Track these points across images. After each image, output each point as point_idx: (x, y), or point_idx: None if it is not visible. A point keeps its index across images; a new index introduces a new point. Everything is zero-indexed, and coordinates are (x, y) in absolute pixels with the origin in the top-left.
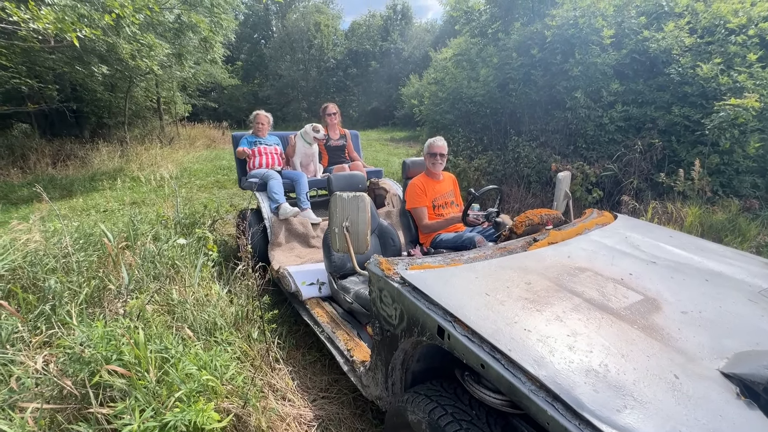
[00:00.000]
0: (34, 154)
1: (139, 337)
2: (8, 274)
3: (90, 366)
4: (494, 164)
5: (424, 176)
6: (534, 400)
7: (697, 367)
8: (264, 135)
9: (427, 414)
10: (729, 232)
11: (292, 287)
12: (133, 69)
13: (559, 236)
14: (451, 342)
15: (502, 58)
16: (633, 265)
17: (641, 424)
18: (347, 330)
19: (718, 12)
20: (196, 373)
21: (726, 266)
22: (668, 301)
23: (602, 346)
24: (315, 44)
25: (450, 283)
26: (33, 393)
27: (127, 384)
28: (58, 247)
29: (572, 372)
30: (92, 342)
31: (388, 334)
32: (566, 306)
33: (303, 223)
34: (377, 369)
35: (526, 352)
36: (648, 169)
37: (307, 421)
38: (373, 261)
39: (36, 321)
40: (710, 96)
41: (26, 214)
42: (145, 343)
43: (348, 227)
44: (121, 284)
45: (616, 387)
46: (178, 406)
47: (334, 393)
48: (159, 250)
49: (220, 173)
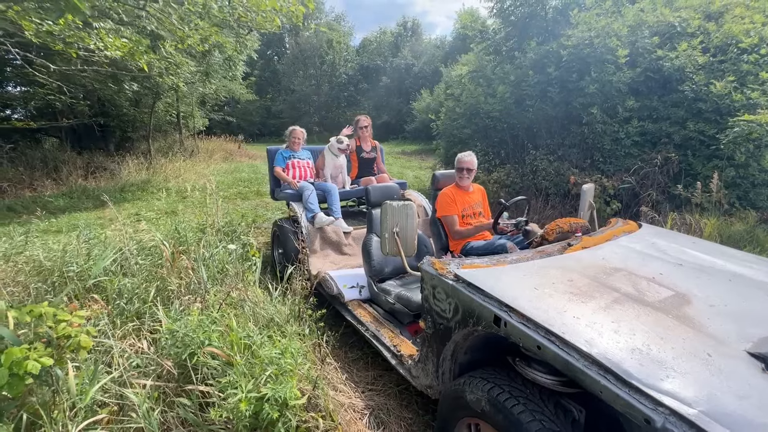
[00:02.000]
0: (65, 166)
1: (233, 323)
2: (74, 276)
3: (189, 348)
4: (512, 177)
5: (455, 187)
6: (588, 373)
7: (727, 348)
8: (298, 149)
9: (486, 392)
10: (747, 242)
11: (334, 290)
12: (160, 85)
13: (591, 241)
14: (507, 329)
15: (519, 75)
16: (662, 267)
17: (682, 389)
18: (390, 329)
19: (729, 32)
20: (278, 357)
21: (747, 269)
22: (697, 296)
23: (643, 330)
24: (327, 60)
25: (501, 280)
26: (140, 371)
27: (222, 364)
28: (117, 251)
29: (619, 350)
30: (190, 328)
31: (441, 326)
32: (607, 299)
33: (336, 231)
34: (428, 360)
35: (578, 335)
36: (665, 182)
37: (359, 409)
38: (426, 261)
39: (111, 315)
40: (724, 112)
41: (68, 222)
42: (237, 329)
43: (398, 232)
44: (181, 284)
45: (659, 362)
46: (270, 383)
47: (380, 386)
48: (211, 255)
49: (241, 185)
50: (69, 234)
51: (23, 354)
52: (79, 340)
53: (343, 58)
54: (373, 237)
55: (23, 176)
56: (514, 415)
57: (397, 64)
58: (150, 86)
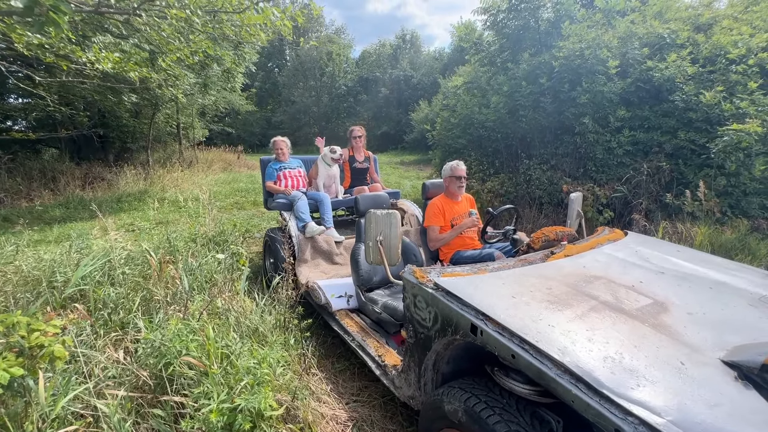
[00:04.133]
0: (63, 177)
1: (210, 332)
2: (61, 286)
3: (165, 358)
4: (506, 186)
5: (444, 197)
6: (560, 382)
7: (701, 356)
8: (286, 159)
9: (462, 403)
10: (739, 251)
11: (322, 299)
12: (159, 97)
13: (574, 249)
14: (483, 337)
15: (512, 86)
16: (643, 275)
17: (652, 398)
18: (377, 338)
19: (718, 43)
20: (255, 367)
21: (729, 276)
22: (675, 304)
23: (617, 339)
24: (327, 72)
25: (479, 288)
26: (116, 382)
27: (198, 374)
28: (103, 262)
29: (592, 359)
30: (166, 338)
31: (422, 336)
32: (584, 307)
33: (327, 241)
34: (410, 370)
35: (551, 343)
36: (657, 191)
37: (342, 421)
38: (408, 270)
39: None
40: (714, 121)
41: (62, 232)
42: (214, 339)
43: (381, 241)
44: (167, 294)
45: (630, 370)
46: (244, 394)
47: (365, 397)
48: (199, 265)
49: (238, 195)
50: (62, 244)
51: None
52: (53, 350)
53: (342, 70)
54: (362, 246)
55: (20, 187)
56: (489, 425)
57: (396, 76)
58: (149, 98)
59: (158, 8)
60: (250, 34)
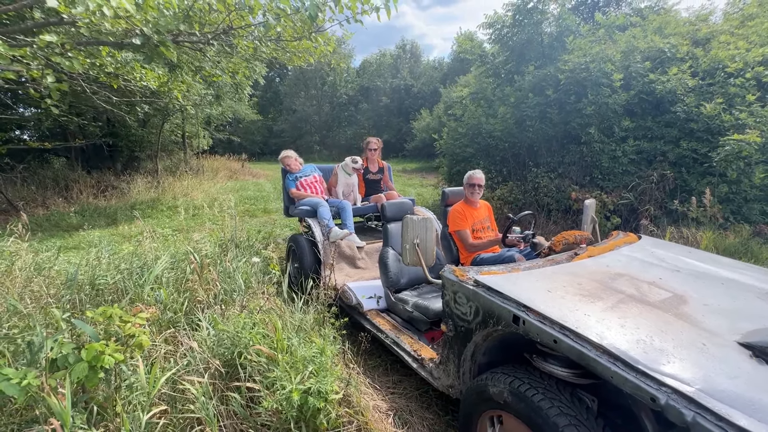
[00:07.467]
0: (76, 185)
1: (278, 325)
2: (111, 287)
3: (237, 348)
4: (515, 193)
5: (463, 203)
6: (600, 361)
7: (719, 339)
8: (298, 169)
9: (507, 385)
10: (742, 254)
11: (353, 300)
12: (169, 107)
13: (596, 251)
14: (525, 326)
15: (518, 97)
16: (661, 272)
17: (681, 372)
18: (409, 335)
19: (716, 57)
20: (315, 356)
21: (738, 275)
22: (693, 297)
23: (646, 325)
24: (328, 81)
25: (517, 284)
26: (192, 369)
27: (268, 362)
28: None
29: (626, 341)
30: (237, 329)
31: (462, 329)
32: (613, 299)
33: (350, 246)
34: (449, 361)
35: (589, 329)
36: (662, 198)
37: (384, 410)
38: (447, 270)
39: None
40: (715, 131)
41: (83, 238)
42: (281, 330)
43: (418, 244)
44: (208, 295)
45: (660, 350)
46: (312, 378)
47: (401, 390)
48: (236, 268)
49: (248, 203)
50: (88, 250)
51: (102, 348)
52: (141, 339)
53: (343, 80)
54: (389, 250)
55: (36, 195)
56: (534, 403)
57: (397, 85)
58: (160, 108)
59: (228, 40)
60: (299, 57)
